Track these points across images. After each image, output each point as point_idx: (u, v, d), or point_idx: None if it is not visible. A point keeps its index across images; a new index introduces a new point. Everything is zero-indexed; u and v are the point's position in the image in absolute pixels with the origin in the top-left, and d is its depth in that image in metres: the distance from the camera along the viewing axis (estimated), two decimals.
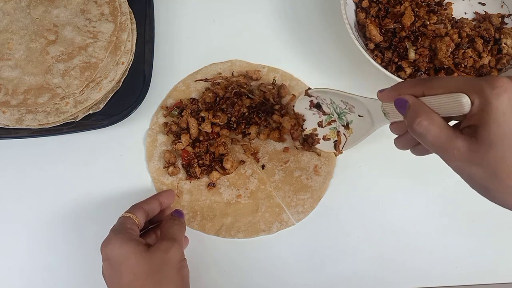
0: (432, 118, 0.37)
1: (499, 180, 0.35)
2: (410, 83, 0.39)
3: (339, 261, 0.56)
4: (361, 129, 0.52)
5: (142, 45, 0.63)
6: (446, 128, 0.36)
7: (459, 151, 0.35)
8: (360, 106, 0.50)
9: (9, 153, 0.60)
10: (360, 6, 0.64)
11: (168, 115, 0.61)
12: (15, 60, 0.59)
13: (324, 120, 0.57)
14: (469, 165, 0.35)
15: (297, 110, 0.58)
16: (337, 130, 0.56)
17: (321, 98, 0.55)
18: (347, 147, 0.56)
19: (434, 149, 0.37)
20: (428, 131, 0.36)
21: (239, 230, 0.57)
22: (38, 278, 0.56)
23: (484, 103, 0.34)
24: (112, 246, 0.44)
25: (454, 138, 0.36)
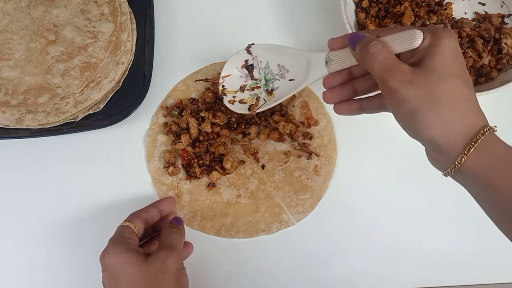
0: (385, 44, 0.40)
1: (431, 102, 0.37)
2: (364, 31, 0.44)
3: (339, 261, 0.56)
4: (287, 90, 0.53)
5: (142, 45, 0.63)
6: (394, 55, 0.40)
7: (402, 72, 0.38)
8: (298, 63, 0.51)
9: (9, 153, 0.60)
10: (360, 6, 0.64)
11: (168, 115, 0.61)
12: (15, 60, 0.59)
13: (248, 85, 0.57)
14: (407, 86, 0.38)
15: (227, 67, 0.57)
16: (257, 96, 0.56)
17: (258, 60, 0.55)
18: (262, 108, 0.55)
19: (380, 70, 0.39)
20: (380, 52, 0.39)
21: (239, 230, 0.57)
22: (38, 278, 0.56)
23: (435, 39, 0.38)
24: (110, 257, 0.45)
25: (401, 62, 0.39)
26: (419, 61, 0.39)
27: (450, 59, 0.38)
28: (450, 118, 0.37)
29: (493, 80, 0.60)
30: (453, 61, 0.38)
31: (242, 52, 0.55)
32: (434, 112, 0.37)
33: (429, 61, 0.38)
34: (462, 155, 0.37)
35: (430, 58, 0.38)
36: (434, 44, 0.38)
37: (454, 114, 0.37)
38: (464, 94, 0.38)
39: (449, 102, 0.37)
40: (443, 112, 0.37)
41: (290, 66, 0.52)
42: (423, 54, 0.39)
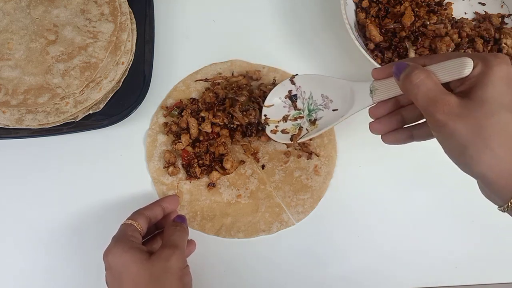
0: (429, 73, 0.38)
1: (482, 136, 0.35)
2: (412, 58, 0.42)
3: (339, 261, 0.56)
4: (330, 119, 0.53)
5: (142, 45, 0.63)
6: (440, 85, 0.38)
7: (450, 104, 0.36)
8: (341, 93, 0.50)
9: (9, 153, 0.60)
10: (360, 6, 0.64)
11: (168, 115, 0.61)
12: (15, 60, 0.59)
13: (291, 115, 0.57)
14: (456, 119, 0.36)
15: (271, 96, 0.57)
16: (300, 126, 0.56)
17: (302, 90, 0.55)
18: (303, 138, 0.56)
19: (425, 102, 0.38)
20: (424, 82, 0.38)
21: (239, 230, 0.57)
22: (39, 278, 0.56)
23: (486, 68, 0.36)
24: (113, 255, 0.44)
25: (447, 94, 0.37)
26: (469, 91, 0.37)
27: (501, 89, 0.36)
28: (502, 156, 0.35)
29: None
30: (505, 90, 0.36)
31: (286, 82, 0.55)
32: (484, 148, 0.35)
33: (479, 92, 0.36)
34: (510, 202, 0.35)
35: (480, 88, 0.36)
36: (485, 73, 0.36)
37: (506, 151, 0.35)
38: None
39: (501, 138, 0.35)
40: (494, 148, 0.35)
41: (334, 96, 0.52)
42: (472, 83, 0.37)
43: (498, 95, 0.36)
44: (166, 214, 0.53)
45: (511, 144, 0.35)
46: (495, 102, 0.35)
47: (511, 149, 0.35)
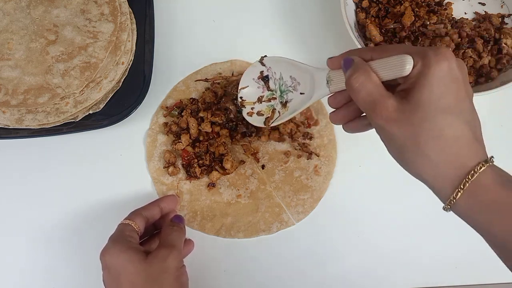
0: (369, 75, 0.37)
1: (416, 141, 0.35)
2: (361, 49, 0.41)
3: (339, 261, 0.56)
4: (298, 103, 0.52)
5: (142, 45, 0.62)
6: (380, 87, 0.37)
7: (387, 109, 0.36)
8: (305, 79, 0.50)
9: (9, 153, 0.60)
10: (360, 6, 0.64)
11: (168, 115, 0.61)
12: (15, 60, 0.59)
13: (265, 96, 0.56)
14: (392, 125, 0.36)
15: (245, 78, 0.57)
16: (273, 107, 0.56)
17: (272, 71, 0.55)
18: (275, 122, 0.55)
19: (365, 106, 0.38)
20: (363, 86, 0.37)
21: (239, 230, 0.57)
22: (38, 278, 0.56)
23: (425, 67, 0.35)
24: (110, 255, 0.45)
25: (386, 97, 0.36)
26: (408, 92, 0.36)
27: (439, 91, 0.34)
28: (437, 160, 0.35)
29: (493, 80, 0.60)
30: (444, 92, 0.34)
31: (256, 64, 0.55)
32: (420, 153, 0.35)
33: (416, 95, 0.35)
34: (451, 198, 0.35)
35: (417, 90, 0.35)
36: (423, 74, 0.35)
37: (441, 156, 0.35)
38: (453, 132, 0.35)
39: (435, 143, 0.35)
40: (429, 154, 0.35)
41: (300, 79, 0.52)
42: (412, 83, 0.35)
43: (435, 98, 0.34)
44: (164, 214, 0.53)
45: (446, 149, 0.35)
46: (431, 106, 0.34)
47: (446, 154, 0.35)
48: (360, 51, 0.40)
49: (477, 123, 0.37)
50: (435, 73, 0.34)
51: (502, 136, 0.62)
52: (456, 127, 0.35)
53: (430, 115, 0.35)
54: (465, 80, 0.36)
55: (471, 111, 0.36)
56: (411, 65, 0.35)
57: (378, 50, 0.39)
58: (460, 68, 0.36)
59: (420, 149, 0.35)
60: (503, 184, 0.35)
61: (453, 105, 0.35)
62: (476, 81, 0.60)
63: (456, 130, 0.35)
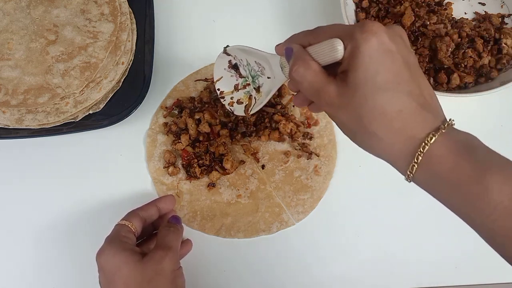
0: (308, 64, 0.36)
1: (361, 122, 0.34)
2: (300, 34, 0.39)
3: (339, 261, 0.56)
4: (267, 91, 0.52)
5: (142, 45, 0.63)
6: (321, 74, 0.36)
7: (329, 96, 0.35)
8: (267, 65, 0.49)
9: (9, 153, 0.60)
10: (360, 6, 0.64)
11: (168, 115, 0.61)
12: (15, 60, 0.59)
13: (240, 84, 0.56)
14: (338, 110, 0.36)
15: (216, 70, 0.56)
16: (250, 94, 0.55)
17: (238, 59, 0.54)
18: (254, 109, 0.55)
19: (310, 96, 0.37)
20: (304, 77, 0.36)
21: (239, 230, 0.57)
22: (37, 278, 0.56)
23: (353, 47, 0.34)
24: (105, 256, 0.44)
25: (327, 84, 0.36)
26: (346, 75, 0.35)
27: (372, 68, 0.33)
28: (386, 138, 0.34)
29: (493, 80, 0.60)
30: (377, 69, 0.33)
31: (222, 55, 0.55)
32: (369, 134, 0.35)
33: (351, 76, 0.34)
34: (408, 173, 0.35)
35: (351, 72, 0.34)
36: (353, 54, 0.34)
37: (388, 133, 0.34)
38: (394, 106, 0.33)
39: (379, 121, 0.34)
40: (377, 133, 0.34)
41: (264, 65, 0.51)
42: (347, 64, 0.35)
43: (370, 76, 0.33)
44: (162, 214, 0.53)
45: (392, 124, 0.34)
46: (367, 85, 0.33)
47: (393, 130, 0.34)
48: (300, 37, 0.39)
49: (425, 91, 0.35)
50: (364, 51, 0.33)
51: (502, 136, 0.62)
52: (396, 101, 0.34)
53: (368, 95, 0.34)
54: (400, 50, 0.34)
55: (412, 79, 0.34)
56: (342, 49, 0.35)
57: (314, 34, 0.38)
58: (392, 39, 0.34)
59: (367, 130, 0.35)
60: (458, 151, 0.33)
61: (390, 79, 0.33)
62: (476, 81, 0.60)
63: (396, 104, 0.34)
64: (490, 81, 0.60)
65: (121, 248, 0.44)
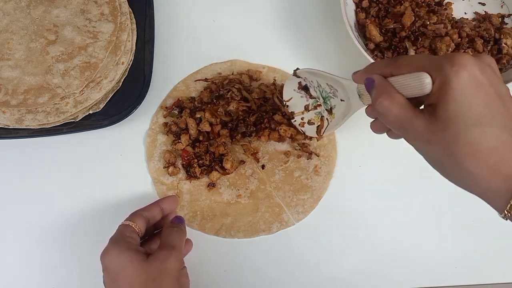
0: (393, 98, 0.36)
1: (454, 158, 0.34)
2: (381, 63, 0.39)
3: (339, 261, 0.56)
4: (342, 114, 0.52)
5: (142, 45, 0.63)
6: (406, 108, 0.36)
7: (417, 131, 0.35)
8: (341, 88, 0.50)
9: (9, 153, 0.60)
10: (360, 6, 0.64)
11: (168, 115, 0.61)
12: (15, 60, 0.59)
13: (310, 104, 0.57)
14: (427, 145, 0.35)
15: (286, 91, 0.58)
16: (321, 115, 0.56)
17: (309, 80, 0.55)
18: (327, 131, 0.56)
19: (395, 129, 0.37)
20: (389, 111, 0.36)
21: (239, 230, 0.57)
22: (38, 278, 0.56)
23: (444, 82, 0.33)
24: (110, 257, 0.44)
25: (414, 118, 0.36)
26: (434, 109, 0.34)
27: (464, 103, 0.33)
28: (480, 174, 0.33)
29: None
30: (470, 103, 0.33)
31: (292, 77, 0.56)
32: (461, 170, 0.34)
33: (442, 111, 0.33)
34: (505, 212, 0.33)
35: (442, 107, 0.33)
36: (444, 90, 0.33)
37: (483, 170, 0.33)
38: (489, 143, 0.33)
39: (474, 158, 0.33)
40: (470, 169, 0.33)
41: (336, 87, 0.52)
42: (435, 99, 0.34)
43: (462, 112, 0.33)
44: (164, 215, 0.53)
45: (487, 161, 0.33)
46: (459, 121, 0.33)
47: (487, 166, 0.33)
48: (380, 67, 0.39)
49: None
50: (455, 86, 0.33)
51: None
52: (491, 137, 0.33)
53: (461, 131, 0.33)
54: (492, 82, 0.34)
55: (506, 111, 0.34)
56: (430, 83, 0.34)
57: (396, 65, 0.37)
58: (482, 70, 0.33)
59: (459, 166, 0.34)
60: None
61: (483, 114, 0.33)
62: None
63: (491, 140, 0.33)
64: None
65: (125, 248, 0.44)
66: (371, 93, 0.39)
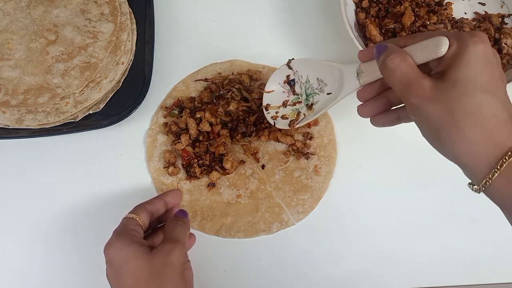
0: (405, 57, 0.38)
1: (453, 118, 0.35)
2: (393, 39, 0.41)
3: (339, 261, 0.56)
4: (324, 103, 0.53)
5: (142, 45, 0.63)
6: (415, 68, 0.38)
7: (423, 89, 0.36)
8: (333, 76, 0.50)
9: (9, 153, 0.60)
10: (360, 6, 0.64)
11: (168, 115, 0.61)
12: (15, 60, 0.59)
13: (290, 100, 0.57)
14: (428, 103, 0.36)
15: (271, 81, 0.57)
16: (298, 111, 0.56)
17: (298, 75, 0.55)
18: (301, 123, 0.56)
19: (400, 86, 0.38)
20: (399, 67, 0.37)
21: (239, 230, 0.57)
22: (38, 278, 0.56)
23: (461, 47, 0.35)
24: (114, 249, 0.44)
25: (422, 77, 0.37)
26: (443, 73, 0.36)
27: (476, 70, 0.35)
28: (474, 138, 0.34)
29: None
30: (481, 71, 0.35)
31: (283, 67, 0.56)
32: (456, 130, 0.35)
33: (452, 73, 0.35)
34: (486, 179, 0.35)
35: (454, 69, 0.35)
36: (460, 54, 0.35)
37: (478, 133, 0.34)
38: (490, 110, 0.34)
39: (472, 120, 0.34)
40: (465, 131, 0.34)
41: (328, 79, 0.52)
42: (448, 64, 0.36)
43: (473, 76, 0.35)
44: (168, 208, 0.53)
45: (483, 126, 0.34)
46: (468, 83, 0.35)
47: (483, 131, 0.34)
48: (393, 40, 0.41)
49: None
50: (472, 53, 0.35)
51: None
52: (493, 105, 0.35)
53: (468, 91, 0.35)
54: (498, 64, 0.37)
55: (505, 93, 0.36)
56: (447, 46, 0.36)
57: (410, 37, 0.39)
58: (494, 53, 0.36)
59: (456, 126, 0.35)
60: None
61: (490, 84, 0.35)
62: None
63: (493, 108, 0.35)
64: None
65: (129, 241, 0.44)
66: (380, 58, 0.39)
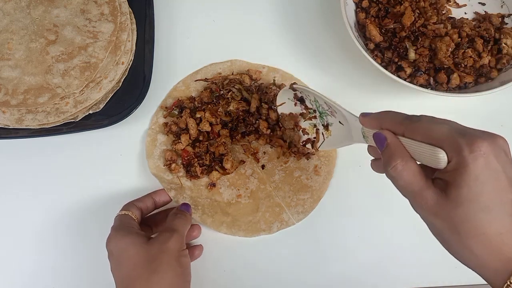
0: (407, 163, 0.37)
1: (459, 237, 0.35)
2: (394, 118, 0.39)
3: (339, 261, 0.56)
4: (340, 136, 0.51)
5: (142, 45, 0.63)
6: (419, 176, 0.37)
7: (426, 203, 0.36)
8: (339, 114, 0.49)
9: (9, 153, 0.60)
10: (360, 6, 0.64)
11: (168, 115, 0.61)
12: (15, 60, 0.59)
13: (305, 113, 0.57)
14: (433, 217, 0.36)
15: (280, 101, 0.57)
16: (316, 128, 0.56)
17: (305, 94, 0.54)
18: (323, 147, 0.55)
19: (404, 194, 0.38)
20: (401, 176, 0.37)
21: (240, 229, 0.57)
22: (38, 278, 0.56)
23: (459, 164, 0.34)
24: (114, 241, 0.47)
25: (425, 188, 0.36)
26: (446, 186, 0.35)
27: (477, 189, 0.34)
28: (482, 254, 0.35)
29: (493, 80, 0.60)
30: (482, 190, 0.34)
31: (286, 88, 0.54)
32: (463, 247, 0.35)
33: (454, 191, 0.34)
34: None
35: (455, 187, 0.34)
36: (459, 172, 0.34)
37: (485, 250, 0.35)
38: (496, 228, 0.34)
39: (477, 240, 0.34)
40: (473, 249, 0.35)
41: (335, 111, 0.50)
42: (449, 178, 0.35)
43: (474, 196, 0.34)
44: (158, 207, 0.55)
45: (491, 244, 0.34)
46: (470, 205, 0.34)
47: (491, 248, 0.34)
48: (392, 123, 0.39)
49: None
50: (472, 171, 0.33)
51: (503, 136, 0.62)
52: (498, 223, 0.34)
53: (470, 215, 0.34)
54: (505, 167, 0.35)
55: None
56: (445, 161, 0.35)
57: (411, 127, 0.37)
58: (497, 156, 0.34)
59: (463, 244, 0.35)
60: None
61: (493, 200, 0.34)
62: (476, 81, 0.60)
63: (498, 227, 0.34)
64: (490, 81, 0.60)
65: (127, 232, 0.47)
66: (382, 152, 0.39)
